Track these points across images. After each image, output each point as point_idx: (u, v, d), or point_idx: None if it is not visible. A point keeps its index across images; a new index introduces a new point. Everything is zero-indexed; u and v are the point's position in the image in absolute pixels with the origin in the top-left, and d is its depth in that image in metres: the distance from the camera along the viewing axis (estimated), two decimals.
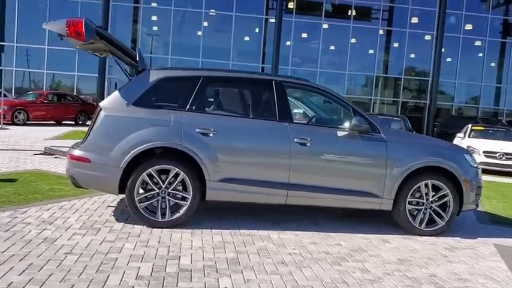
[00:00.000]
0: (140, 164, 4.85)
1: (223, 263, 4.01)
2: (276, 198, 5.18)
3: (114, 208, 5.64)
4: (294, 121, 5.29)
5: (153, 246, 4.33)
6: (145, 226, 4.92)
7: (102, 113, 4.93)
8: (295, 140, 5.14)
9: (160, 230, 4.85)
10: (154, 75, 5.13)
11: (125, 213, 5.36)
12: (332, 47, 28.21)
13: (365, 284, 3.78)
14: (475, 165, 5.76)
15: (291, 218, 5.76)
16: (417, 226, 5.45)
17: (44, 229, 4.60)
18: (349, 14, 27.23)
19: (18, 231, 4.48)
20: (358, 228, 5.54)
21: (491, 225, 6.30)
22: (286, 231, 5.18)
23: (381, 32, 28.08)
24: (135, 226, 4.92)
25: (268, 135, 5.16)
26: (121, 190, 4.91)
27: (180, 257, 4.10)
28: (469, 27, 28.32)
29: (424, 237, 5.37)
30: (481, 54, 29.07)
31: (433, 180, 5.43)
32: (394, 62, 29.02)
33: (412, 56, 28.30)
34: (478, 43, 28.83)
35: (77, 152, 4.93)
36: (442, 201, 5.47)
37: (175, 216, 4.95)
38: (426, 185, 5.44)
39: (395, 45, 28.91)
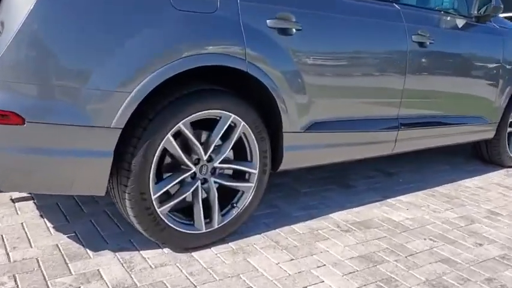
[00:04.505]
0: (152, 115, 1.93)
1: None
2: (381, 147, 2.86)
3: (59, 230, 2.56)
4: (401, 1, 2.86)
5: None
6: (172, 250, 2.16)
7: None
8: (413, 37, 2.79)
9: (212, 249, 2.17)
10: None
11: (93, 237, 2.41)
12: None
13: None
14: None
15: (336, 184, 3.54)
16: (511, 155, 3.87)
17: None
18: None
19: None
20: (443, 177, 3.70)
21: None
22: (388, 200, 3.00)
23: None
24: (162, 257, 2.12)
25: (377, 30, 2.65)
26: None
27: None
28: None
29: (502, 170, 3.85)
30: None
31: None
32: None
33: None
34: None
35: None
36: None
37: (231, 217, 2.27)
38: None
39: None
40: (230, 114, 2.12)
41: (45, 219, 2.40)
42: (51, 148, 1.75)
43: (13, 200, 2.59)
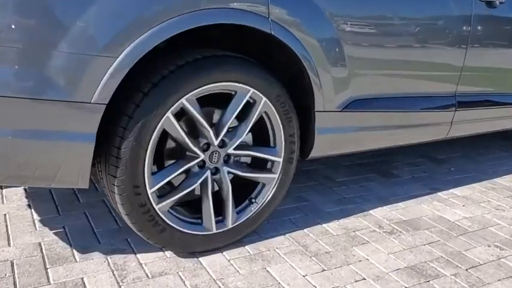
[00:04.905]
0: (148, 88, 1.51)
1: None
2: (434, 130, 2.38)
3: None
4: None
5: None
6: (175, 254, 1.77)
7: None
8: None
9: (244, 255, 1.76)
10: None
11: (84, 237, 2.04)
12: None
13: None
14: None
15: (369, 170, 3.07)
16: None
17: None
18: None
19: None
20: (504, 165, 3.17)
21: None
22: (439, 193, 2.52)
23: None
24: (166, 268, 1.73)
25: None
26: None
27: None
28: None
29: None
30: None
31: None
32: None
33: None
34: None
35: None
36: None
37: (249, 215, 1.85)
38: None
39: None
40: (248, 87, 1.69)
41: (32, 210, 2.05)
42: (16, 129, 1.36)
43: (0, 187, 2.25)
